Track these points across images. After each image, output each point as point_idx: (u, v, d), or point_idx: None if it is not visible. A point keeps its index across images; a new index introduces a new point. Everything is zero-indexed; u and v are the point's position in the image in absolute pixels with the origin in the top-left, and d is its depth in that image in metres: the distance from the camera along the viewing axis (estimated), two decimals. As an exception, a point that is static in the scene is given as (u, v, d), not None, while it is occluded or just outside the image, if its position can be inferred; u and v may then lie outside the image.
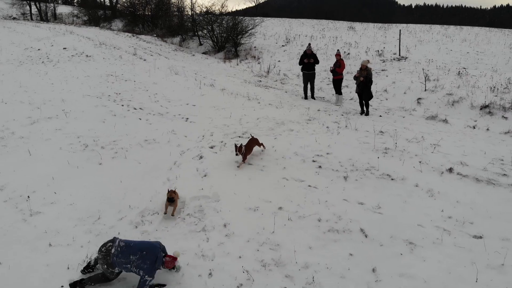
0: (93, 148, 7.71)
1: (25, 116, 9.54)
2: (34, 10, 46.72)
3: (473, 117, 10.42)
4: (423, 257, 4.69)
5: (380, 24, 39.85)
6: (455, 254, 4.75)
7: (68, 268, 4.59)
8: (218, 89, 12.70)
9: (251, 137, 7.42)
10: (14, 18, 43.25)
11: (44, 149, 7.72)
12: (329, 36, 25.01)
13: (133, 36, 29.15)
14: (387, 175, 6.62)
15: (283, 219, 5.44)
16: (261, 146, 7.53)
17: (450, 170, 6.73)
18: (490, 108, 10.48)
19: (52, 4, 50.20)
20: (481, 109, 10.55)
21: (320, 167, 6.95)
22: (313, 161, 7.18)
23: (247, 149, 6.95)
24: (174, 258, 4.25)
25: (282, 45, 22.28)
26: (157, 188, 6.30)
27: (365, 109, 10.58)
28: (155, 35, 31.45)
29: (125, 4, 41.30)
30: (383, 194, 6.06)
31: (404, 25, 40.32)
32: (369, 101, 10.66)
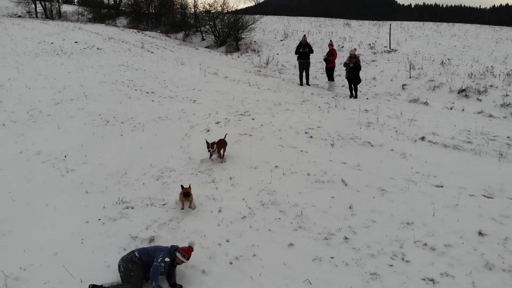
0: (114, 123, 8.71)
1: (49, 98, 10.53)
2: (39, 8, 47.57)
3: (451, 99, 11.42)
4: (391, 199, 5.69)
5: (375, 21, 40.70)
6: (418, 198, 5.75)
7: (104, 207, 5.58)
8: (221, 77, 13.69)
9: (221, 139, 7.04)
10: (19, 16, 43.65)
11: (71, 124, 8.72)
12: (325, 32, 25.98)
13: (139, 32, 30.11)
14: (368, 142, 7.62)
15: (278, 174, 6.43)
16: (223, 153, 6.98)
17: (423, 138, 7.73)
18: (467, 91, 11.47)
19: (56, 3, 50.80)
20: (458, 92, 11.55)
21: (311, 137, 7.94)
22: (305, 132, 8.17)
23: (218, 147, 6.82)
24: (189, 248, 4.36)
25: (281, 40, 23.26)
26: (173, 153, 7.30)
27: (354, 92, 11.58)
28: (159, 31, 32.40)
29: (130, 2, 42.14)
30: (363, 156, 7.06)
31: (399, 22, 41.20)
32: (358, 86, 11.67)
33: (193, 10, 32.62)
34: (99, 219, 5.29)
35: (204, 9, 28.18)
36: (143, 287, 4.15)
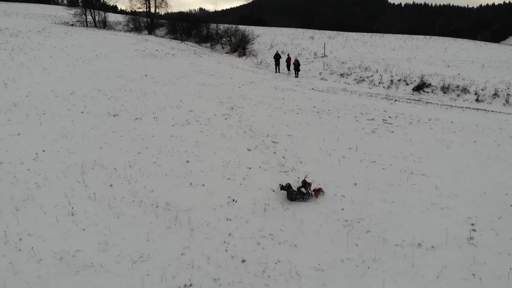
0: (206, 85, 19.56)
1: (171, 77, 21.24)
2: (89, 18, 47.67)
3: (337, 78, 22.43)
4: (295, 102, 16.71)
5: (331, 33, 50.93)
6: (302, 102, 16.73)
7: (216, 98, 16.55)
8: (240, 69, 24.57)
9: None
10: (72, 25, 45.38)
11: (189, 86, 19.58)
12: (294, 44, 36.76)
13: (182, 42, 40.31)
14: (294, 90, 18.61)
15: (263, 97, 17.27)
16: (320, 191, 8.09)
17: (312, 89, 18.79)
18: (344, 75, 22.49)
19: (103, 13, 50.94)
20: (340, 75, 22.57)
21: (276, 89, 18.91)
22: (274, 87, 19.12)
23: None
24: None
25: (268, 49, 33.99)
26: (229, 91, 18.19)
27: (297, 75, 22.59)
28: (193, 41, 42.62)
29: (166, 15, 49.76)
30: (291, 94, 18.00)
31: (348, 33, 51.45)
32: (299, 73, 22.67)
33: (215, 28, 42.73)
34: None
35: (224, 29, 38.65)
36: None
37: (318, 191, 8.02)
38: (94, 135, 11.45)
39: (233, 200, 8.04)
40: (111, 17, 53.51)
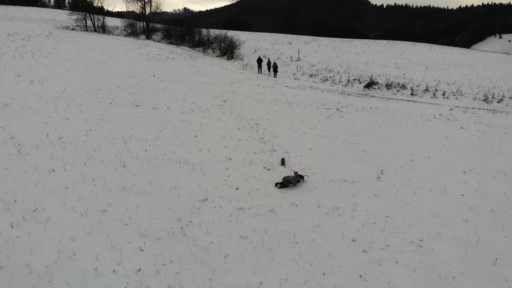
0: (204, 83, 22.51)
1: (174, 77, 24.05)
2: (88, 23, 47.12)
3: (307, 78, 25.69)
4: (272, 95, 19.88)
5: (307, 38, 54.12)
6: (277, 92, 19.97)
7: (215, 92, 19.55)
8: (229, 70, 27.52)
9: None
10: (72, 29, 45.54)
11: (187, 83, 22.44)
12: (275, 49, 39.79)
13: (177, 47, 42.65)
14: (272, 87, 21.74)
15: (249, 92, 20.40)
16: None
17: (287, 86, 21.99)
18: (312, 75, 25.76)
19: (102, 18, 50.45)
20: (309, 75, 25.85)
21: (258, 86, 21.97)
22: (257, 85, 22.21)
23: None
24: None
25: (253, 53, 36.94)
26: (222, 88, 21.22)
27: (275, 75, 25.75)
28: (187, 46, 44.93)
29: (163, 26, 51.59)
30: (270, 90, 21.10)
31: (323, 38, 54.69)
32: (277, 74, 25.84)
33: (206, 34, 45.13)
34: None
35: (214, 35, 41.31)
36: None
37: (302, 178, 9.46)
38: (125, 119, 14.35)
39: (229, 158, 11.16)
40: (109, 21, 52.86)
